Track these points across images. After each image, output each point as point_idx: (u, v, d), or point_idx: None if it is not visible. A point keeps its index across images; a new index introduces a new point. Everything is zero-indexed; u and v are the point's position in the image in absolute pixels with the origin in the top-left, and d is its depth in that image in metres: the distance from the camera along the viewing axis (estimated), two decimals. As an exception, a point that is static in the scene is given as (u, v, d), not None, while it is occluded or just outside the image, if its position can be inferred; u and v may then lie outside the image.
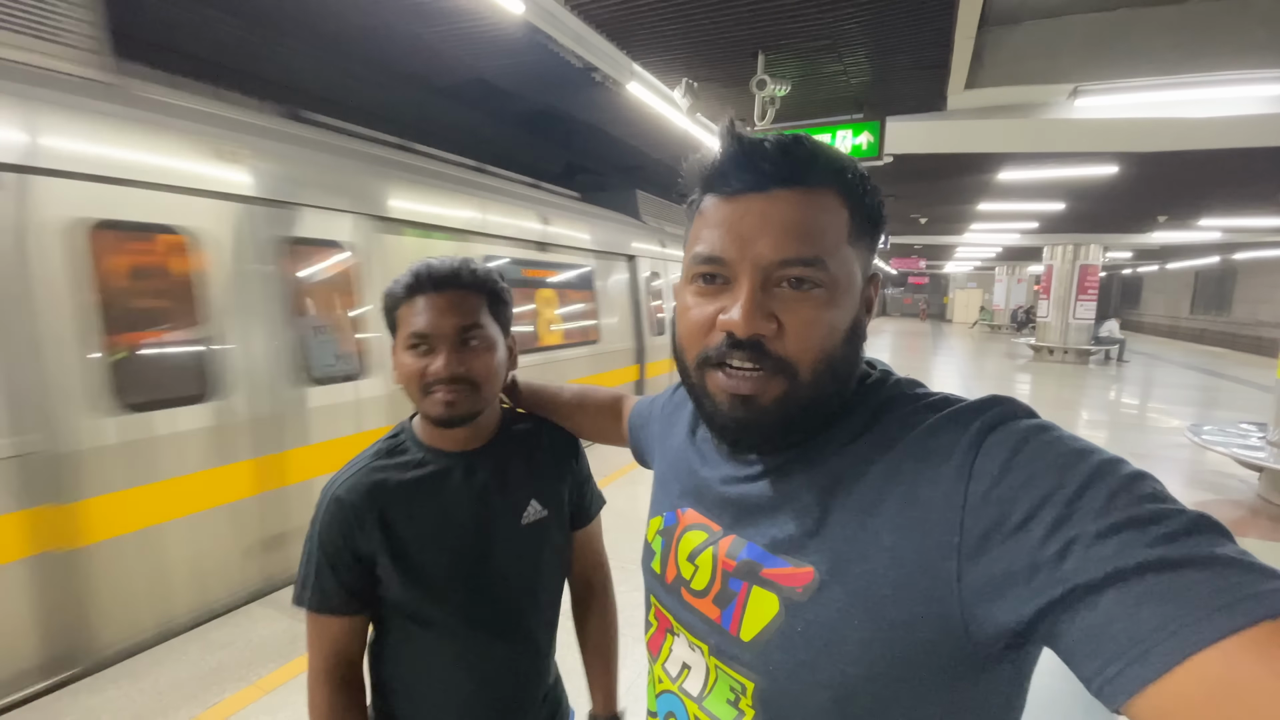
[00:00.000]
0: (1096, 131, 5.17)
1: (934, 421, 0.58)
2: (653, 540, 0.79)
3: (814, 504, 0.61)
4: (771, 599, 0.60)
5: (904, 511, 0.54)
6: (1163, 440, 7.15)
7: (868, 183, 0.63)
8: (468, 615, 0.99)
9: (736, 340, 0.59)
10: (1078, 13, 4.22)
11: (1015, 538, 0.47)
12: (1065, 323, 14.87)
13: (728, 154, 0.62)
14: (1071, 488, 0.47)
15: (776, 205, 0.59)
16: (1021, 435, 0.52)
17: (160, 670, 2.49)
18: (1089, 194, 9.27)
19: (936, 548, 0.52)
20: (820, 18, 3.89)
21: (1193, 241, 14.81)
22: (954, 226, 14.59)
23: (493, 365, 0.98)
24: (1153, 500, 0.45)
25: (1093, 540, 0.44)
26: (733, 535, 0.67)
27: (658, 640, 0.76)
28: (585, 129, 7.80)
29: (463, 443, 1.03)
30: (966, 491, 0.51)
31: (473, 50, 5.03)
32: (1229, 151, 5.59)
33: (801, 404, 0.61)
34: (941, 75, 4.55)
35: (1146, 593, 0.41)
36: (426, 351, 0.94)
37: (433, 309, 0.94)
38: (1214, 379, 12.81)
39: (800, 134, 0.61)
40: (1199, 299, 23.84)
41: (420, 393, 0.95)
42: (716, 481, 0.71)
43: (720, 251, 0.61)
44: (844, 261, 0.60)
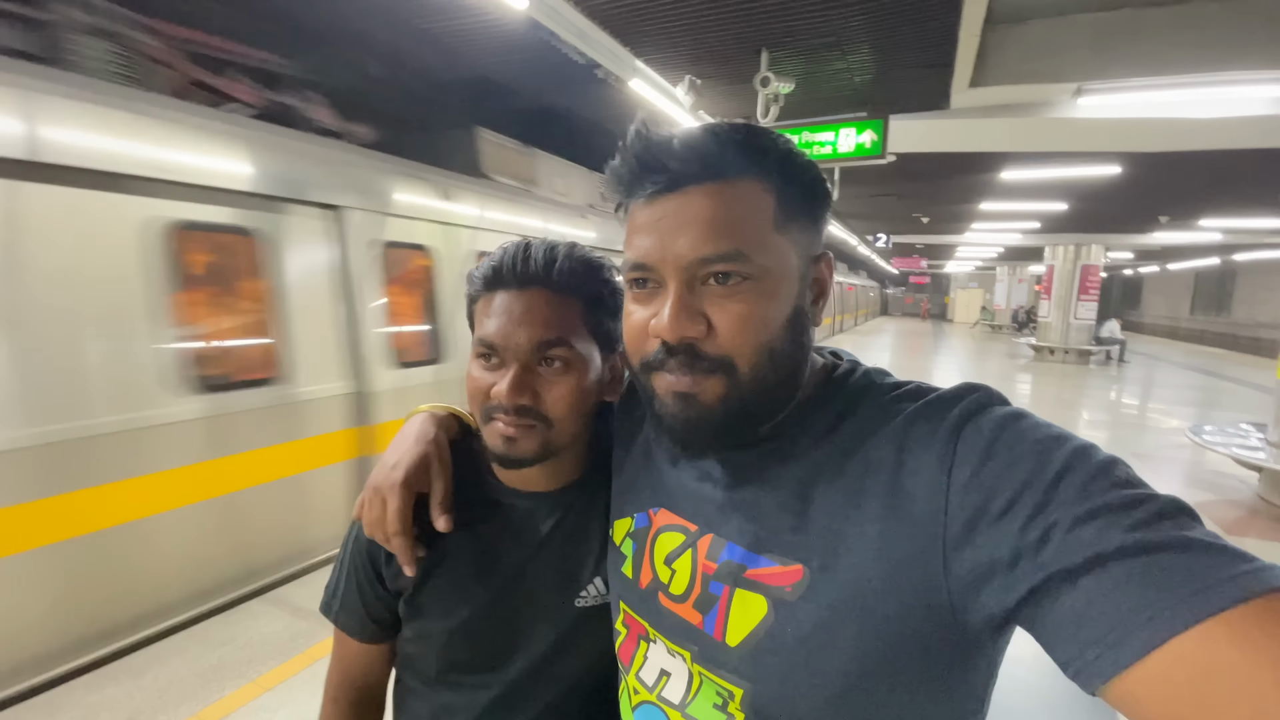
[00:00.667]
0: (1099, 131, 5.16)
1: (912, 411, 0.57)
2: (622, 543, 0.75)
3: (794, 499, 0.60)
4: (758, 601, 0.59)
5: (887, 502, 0.54)
6: (1163, 440, 7.15)
7: (795, 161, 0.60)
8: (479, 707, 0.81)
9: (670, 347, 0.58)
10: (1082, 12, 4.21)
11: (997, 525, 0.47)
12: (1066, 323, 14.86)
13: (637, 156, 0.60)
14: (1049, 474, 0.47)
15: (691, 203, 0.58)
16: (998, 423, 0.52)
17: (160, 667, 2.49)
18: (1091, 194, 9.26)
19: (923, 537, 0.51)
20: (825, 15, 3.88)
21: (1193, 242, 14.81)
22: (956, 226, 14.59)
23: (575, 395, 0.75)
24: (1127, 485, 0.46)
25: (1071, 526, 0.44)
26: (710, 535, 0.64)
27: (629, 648, 0.72)
28: (587, 126, 7.78)
29: (535, 480, 0.82)
30: (949, 480, 0.51)
31: (476, 46, 5.01)
32: (1231, 152, 5.58)
33: (744, 400, 0.59)
34: (945, 74, 4.54)
35: (1124, 577, 0.41)
36: (494, 366, 0.75)
37: (507, 313, 0.74)
38: (1214, 380, 12.82)
39: (716, 124, 0.60)
40: (1199, 300, 23.86)
41: (481, 416, 0.76)
42: (690, 480, 0.69)
43: (644, 256, 0.60)
44: (772, 250, 0.58)
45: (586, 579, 0.81)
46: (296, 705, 2.27)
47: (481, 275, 0.77)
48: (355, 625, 0.85)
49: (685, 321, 0.57)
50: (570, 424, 0.77)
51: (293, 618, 2.83)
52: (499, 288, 0.76)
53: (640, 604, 0.70)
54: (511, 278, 0.75)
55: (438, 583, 0.81)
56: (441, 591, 0.81)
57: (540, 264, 0.75)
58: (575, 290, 0.76)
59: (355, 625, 0.85)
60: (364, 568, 0.83)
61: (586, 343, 0.77)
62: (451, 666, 0.82)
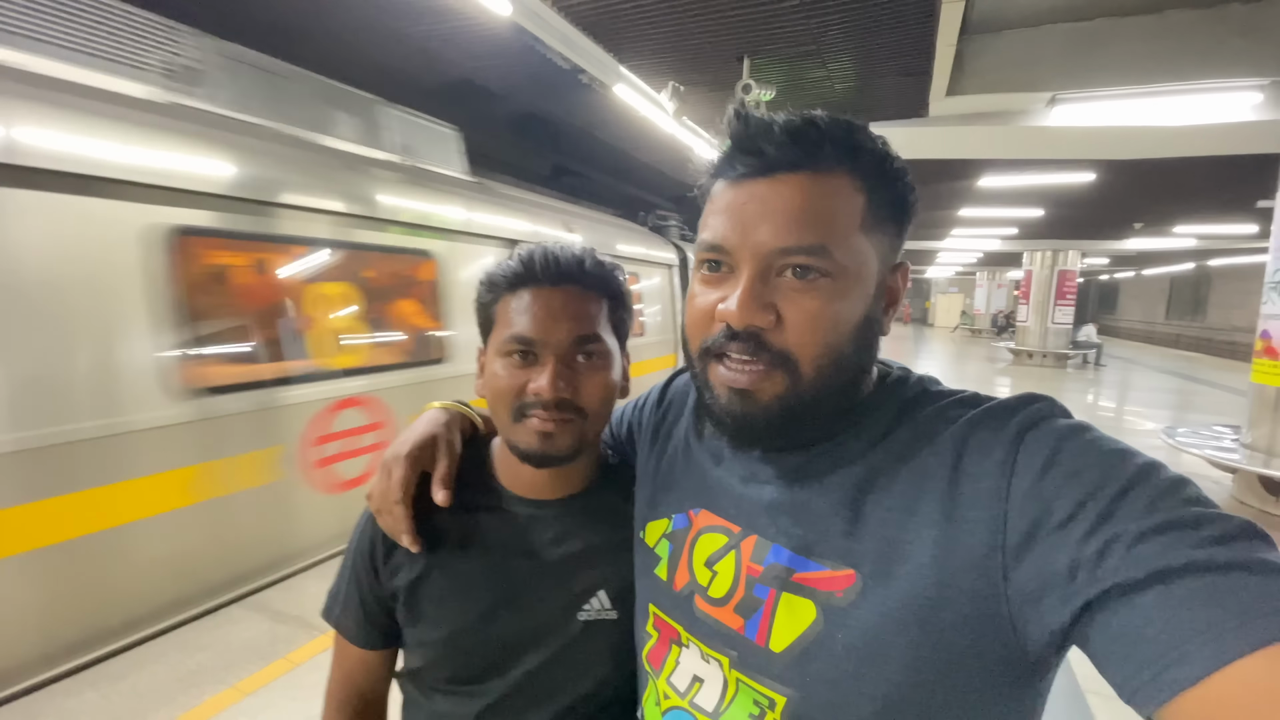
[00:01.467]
0: (1074, 139, 5.26)
1: (971, 417, 0.56)
2: (657, 545, 0.73)
3: (846, 503, 0.57)
4: (807, 606, 0.56)
5: (945, 509, 0.52)
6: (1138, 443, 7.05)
7: (892, 164, 0.59)
8: (474, 715, 0.79)
9: (733, 331, 0.57)
10: (1056, 22, 4.30)
11: (1057, 535, 0.46)
12: (1044, 327, 15.09)
13: (733, 137, 0.59)
14: (1115, 487, 0.45)
15: (780, 191, 0.56)
16: (1062, 433, 0.51)
17: (139, 672, 2.45)
18: (1067, 200, 9.43)
19: (981, 546, 0.49)
20: (804, 24, 3.94)
21: (1168, 248, 15.12)
22: (936, 232, 14.77)
23: (608, 389, 0.77)
24: (1197, 504, 0.44)
25: (1135, 540, 0.42)
26: (755, 537, 0.62)
27: (659, 653, 0.69)
28: (573, 131, 7.80)
29: (542, 487, 0.82)
30: (1009, 488, 0.49)
31: (460, 51, 5.01)
32: (1204, 159, 5.72)
33: (804, 401, 0.57)
34: (924, 82, 4.62)
35: (1188, 595, 0.39)
36: (529, 363, 0.74)
37: (544, 309, 0.74)
38: (1189, 383, 13.06)
39: (816, 114, 0.58)
40: (1174, 305, 24.31)
41: (511, 415, 0.75)
42: (735, 481, 0.67)
43: (722, 239, 0.58)
44: (854, 250, 0.57)
45: (591, 591, 0.79)
46: (276, 710, 2.25)
47: (506, 275, 0.77)
48: (353, 629, 0.84)
49: (755, 309, 0.56)
50: (601, 419, 0.78)
51: (273, 622, 2.80)
52: (529, 284, 0.76)
53: (674, 607, 0.67)
54: (545, 275, 0.75)
55: (435, 586, 0.79)
56: (439, 596, 0.79)
57: (572, 262, 0.77)
58: (601, 288, 0.79)
59: (353, 629, 0.84)
60: (364, 566, 0.82)
61: (612, 338, 0.79)
62: (451, 676, 0.79)
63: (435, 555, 0.79)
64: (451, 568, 0.79)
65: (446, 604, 0.78)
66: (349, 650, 0.86)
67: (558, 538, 0.81)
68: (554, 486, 0.82)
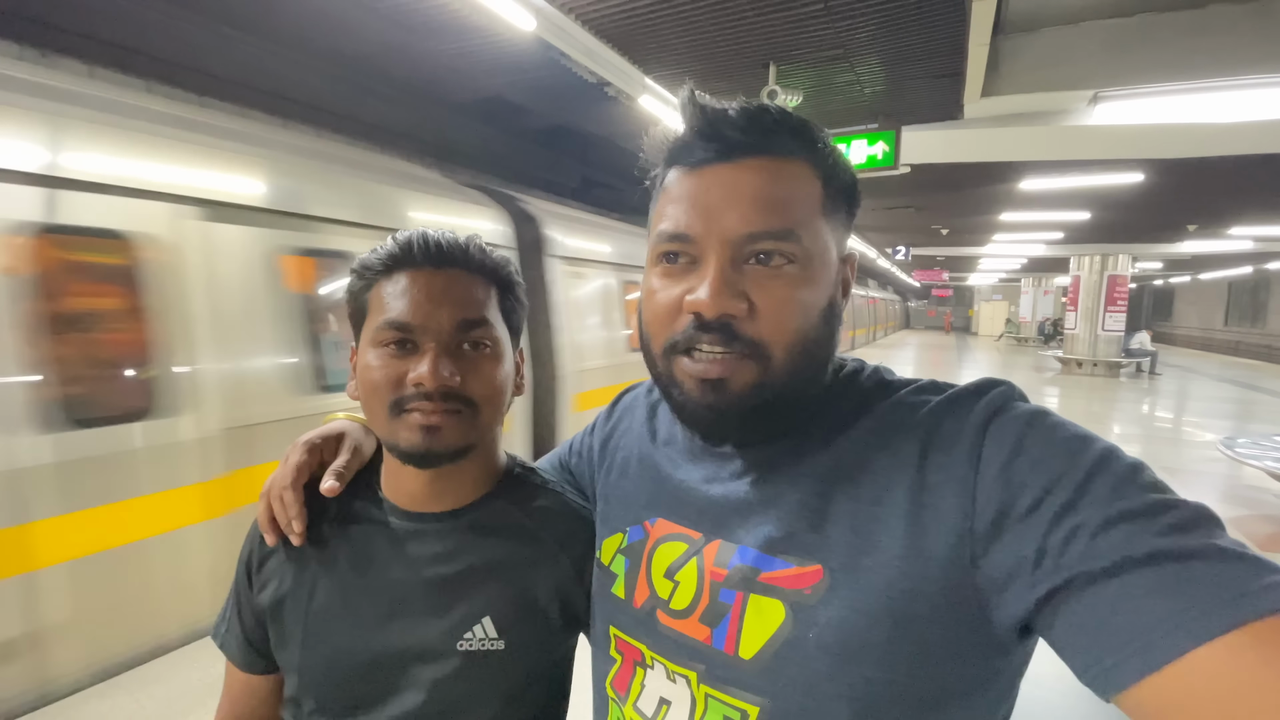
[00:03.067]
0: (1119, 138, 5.07)
1: (935, 405, 0.55)
2: (612, 562, 0.68)
3: (812, 496, 0.56)
4: (775, 606, 0.54)
5: (914, 498, 0.52)
6: (1196, 454, 6.92)
7: (839, 156, 0.59)
8: None
9: (704, 322, 0.55)
10: (1095, 18, 4.16)
11: (1024, 523, 0.46)
12: (1094, 335, 14.53)
13: (690, 123, 0.58)
14: (1078, 474, 0.46)
15: (744, 175, 0.55)
16: (1026, 419, 0.51)
17: (172, 676, 2.51)
18: (1115, 202, 9.09)
19: (951, 535, 0.49)
20: (830, 27, 3.89)
21: (1224, 251, 14.44)
22: (976, 237, 14.41)
23: (499, 380, 0.70)
24: (1154, 490, 0.45)
25: (1098, 528, 0.43)
26: (719, 541, 0.60)
27: (624, 678, 0.65)
28: (600, 143, 7.87)
29: (425, 499, 0.73)
30: (977, 476, 0.50)
31: (488, 68, 5.11)
32: (1257, 157, 5.45)
33: (776, 389, 0.56)
34: (957, 83, 4.51)
35: (1150, 583, 0.40)
36: (407, 352, 0.66)
37: (423, 292, 0.67)
38: (1250, 392, 12.41)
39: (765, 102, 0.57)
40: (1233, 310, 23.21)
41: (389, 411, 0.66)
42: (695, 483, 0.64)
43: (685, 228, 0.56)
44: (818, 235, 0.56)
45: (475, 617, 0.70)
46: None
47: (380, 258, 0.69)
48: (235, 649, 0.77)
49: (729, 297, 0.54)
50: (492, 414, 0.71)
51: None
52: (406, 268, 0.68)
53: (636, 626, 0.64)
54: (424, 258, 0.68)
55: (301, 604, 0.71)
56: (305, 615, 0.71)
57: (454, 244, 0.70)
58: (488, 274, 0.72)
59: (235, 649, 0.77)
60: (242, 579, 0.76)
61: (502, 328, 0.72)
62: (317, 708, 0.71)
63: (306, 570, 0.72)
64: (320, 585, 0.71)
65: (312, 625, 0.71)
66: (234, 675, 0.79)
67: (438, 557, 0.71)
68: (438, 498, 0.73)
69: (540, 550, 0.74)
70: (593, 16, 3.69)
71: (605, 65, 4.10)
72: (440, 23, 4.18)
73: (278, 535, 0.72)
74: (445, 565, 0.71)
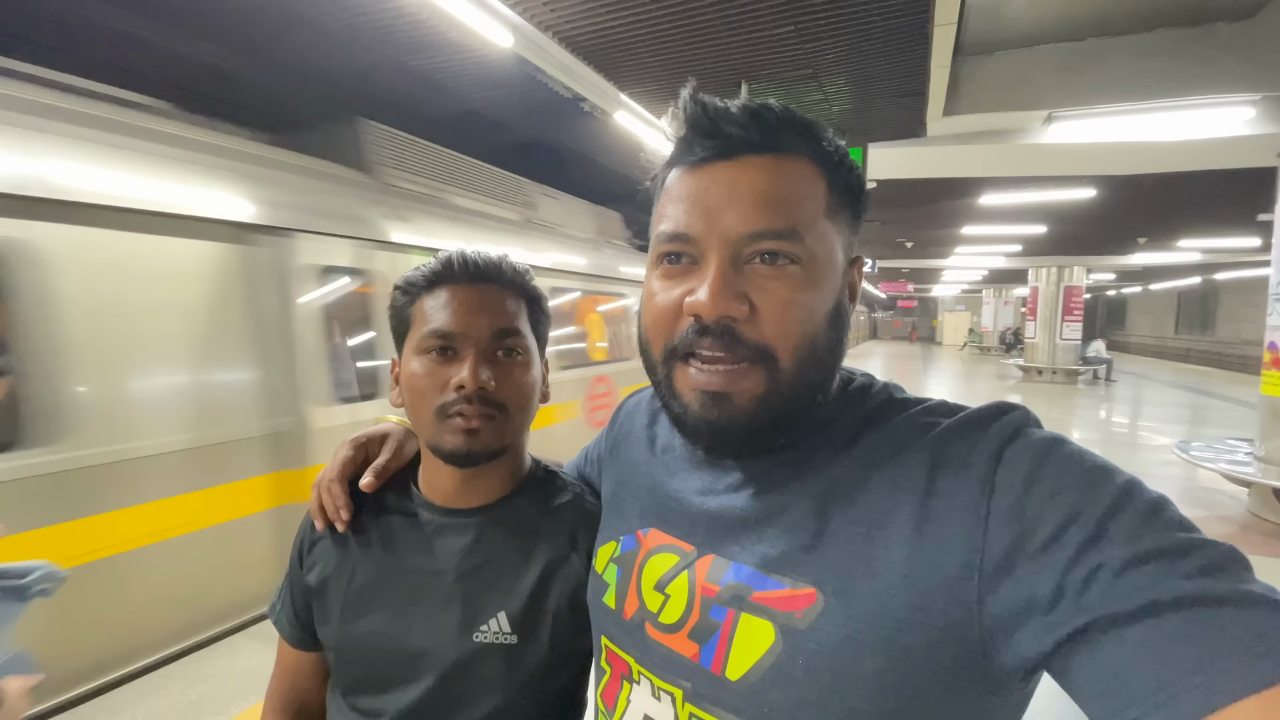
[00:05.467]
0: (1072, 156, 5.31)
1: (946, 428, 0.52)
2: (605, 571, 0.67)
3: (810, 515, 0.53)
4: (765, 627, 0.52)
5: (917, 524, 0.48)
6: (1152, 458, 7.18)
7: (844, 152, 0.57)
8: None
9: (704, 325, 0.52)
10: (1049, 42, 4.37)
11: (1039, 559, 0.43)
12: (1053, 344, 15.01)
13: (691, 120, 0.55)
14: (1099, 509, 0.43)
15: (746, 173, 0.53)
16: (1042, 448, 0.48)
17: (139, 704, 2.44)
18: (1069, 216, 9.45)
19: (956, 566, 0.46)
20: (801, 48, 4.02)
21: (1174, 262, 15.08)
22: (940, 250, 14.82)
23: (529, 386, 0.76)
24: (1181, 529, 0.42)
25: (1121, 568, 0.40)
26: (712, 555, 0.57)
27: (612, 690, 0.63)
28: (576, 158, 7.92)
29: (454, 495, 0.78)
30: (989, 506, 0.46)
31: (465, 82, 5.13)
32: (1202, 174, 5.74)
33: (783, 398, 0.54)
34: (920, 103, 4.68)
35: (1179, 631, 0.37)
36: (448, 358, 0.73)
37: (463, 304, 0.73)
38: (1201, 397, 12.92)
39: (769, 101, 0.55)
40: (1183, 319, 24.16)
41: (434, 415, 0.72)
42: (690, 494, 0.62)
43: (685, 227, 0.54)
44: (822, 236, 0.54)
45: (491, 610, 0.74)
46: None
47: (424, 275, 0.76)
48: (286, 626, 0.84)
49: (729, 298, 0.52)
50: (523, 419, 0.77)
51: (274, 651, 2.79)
52: (446, 283, 0.75)
53: (625, 637, 0.62)
54: (463, 274, 0.75)
55: (341, 586, 0.78)
56: (342, 596, 0.78)
57: (490, 262, 0.77)
58: (519, 288, 0.78)
59: (286, 626, 0.84)
60: (294, 560, 0.83)
61: (531, 338, 0.78)
62: (354, 684, 0.77)
63: (347, 555, 0.79)
64: (359, 570, 0.78)
65: (350, 606, 0.77)
66: (286, 650, 0.86)
67: (464, 550, 0.77)
68: (467, 495, 0.78)
69: (555, 549, 0.78)
70: (569, 34, 3.76)
71: (581, 81, 4.16)
72: (418, 39, 4.20)
73: (325, 522, 0.79)
74: (467, 558, 0.76)
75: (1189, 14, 3.91)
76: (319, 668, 0.85)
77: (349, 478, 0.80)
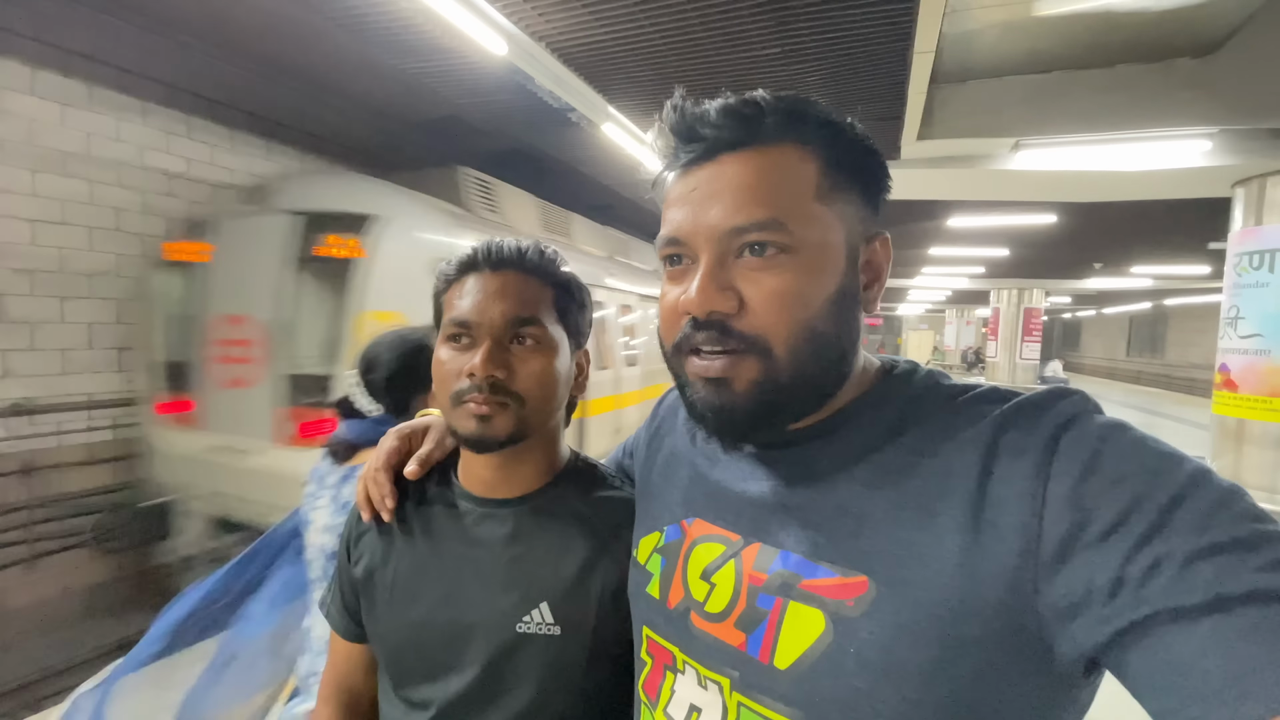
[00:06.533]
0: (1036, 182, 5.52)
1: (1000, 414, 0.51)
2: (648, 561, 0.67)
3: (855, 501, 0.53)
4: (815, 616, 0.51)
5: (971, 512, 0.48)
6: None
7: (843, 130, 0.57)
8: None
9: (699, 322, 0.55)
10: (1018, 74, 4.57)
11: (1099, 548, 0.42)
12: (1013, 363, 15.48)
13: (672, 127, 0.57)
14: (1163, 497, 0.42)
15: (724, 170, 0.55)
16: (1101, 433, 0.47)
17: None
18: (1031, 241, 9.82)
19: (1012, 555, 0.45)
20: (786, 70, 4.15)
21: (1126, 288, 15.73)
22: (907, 270, 15.19)
23: (547, 376, 0.74)
24: (1255, 520, 0.40)
25: (1188, 559, 0.39)
26: (759, 544, 0.57)
27: (654, 681, 0.63)
28: (557, 167, 7.95)
29: (493, 485, 0.79)
30: (1045, 492, 0.46)
31: (451, 88, 5.14)
32: (1159, 203, 6.04)
33: (781, 386, 0.54)
34: (896, 127, 4.83)
35: (1251, 626, 0.36)
36: (466, 346, 0.73)
37: (481, 291, 0.73)
38: (1152, 416, 13.44)
39: (758, 93, 0.56)
40: (1135, 342, 25.18)
41: (451, 401, 0.73)
42: (734, 483, 0.62)
43: (676, 230, 0.57)
44: (813, 221, 0.54)
45: (534, 601, 0.74)
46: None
47: (456, 263, 0.77)
48: (338, 619, 0.86)
49: (714, 293, 0.53)
50: (542, 407, 0.75)
51: (254, 656, 2.72)
52: (471, 271, 0.76)
53: (669, 627, 0.62)
54: (485, 261, 0.75)
55: (387, 577, 0.79)
56: (389, 587, 0.78)
57: (512, 249, 0.77)
58: (544, 275, 0.78)
59: (338, 619, 0.86)
60: (343, 553, 0.84)
61: (556, 327, 0.77)
62: (402, 675, 0.78)
63: (392, 546, 0.80)
64: (404, 560, 0.78)
65: (394, 597, 0.78)
66: (338, 643, 0.87)
67: (505, 540, 0.77)
68: (505, 484, 0.78)
69: (595, 539, 0.78)
70: (562, 45, 3.81)
71: (571, 92, 4.22)
72: (407, 41, 4.21)
73: (371, 513, 0.80)
74: (509, 548, 0.77)
75: (1151, 50, 4.14)
76: (370, 660, 0.86)
77: (394, 468, 0.82)
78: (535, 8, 3.44)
